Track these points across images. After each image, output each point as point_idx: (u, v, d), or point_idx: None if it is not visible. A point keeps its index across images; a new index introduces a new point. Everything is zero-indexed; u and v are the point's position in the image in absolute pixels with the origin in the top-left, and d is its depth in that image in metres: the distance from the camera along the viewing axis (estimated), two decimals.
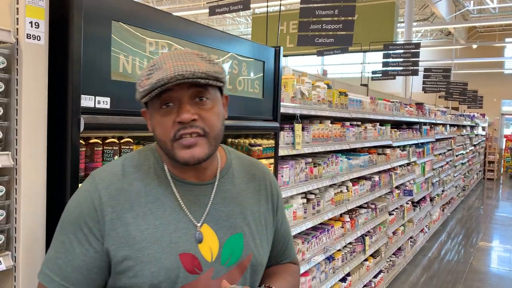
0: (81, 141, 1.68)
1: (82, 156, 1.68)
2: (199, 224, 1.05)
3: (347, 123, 3.90)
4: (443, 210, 8.60)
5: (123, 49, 1.58)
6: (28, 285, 1.36)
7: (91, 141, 1.77)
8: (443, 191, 8.50)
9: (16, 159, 1.33)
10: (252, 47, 2.29)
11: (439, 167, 8.06)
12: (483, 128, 15.83)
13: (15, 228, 1.35)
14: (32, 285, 1.37)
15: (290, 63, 16.33)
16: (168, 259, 1.00)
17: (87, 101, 1.44)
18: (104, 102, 1.50)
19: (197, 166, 1.06)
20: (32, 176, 1.36)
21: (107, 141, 1.83)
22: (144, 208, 1.03)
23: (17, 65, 1.32)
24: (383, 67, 7.87)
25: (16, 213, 1.34)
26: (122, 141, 1.88)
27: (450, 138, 9.21)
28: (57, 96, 1.40)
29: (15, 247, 1.35)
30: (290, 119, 3.03)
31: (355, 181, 4.11)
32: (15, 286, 1.35)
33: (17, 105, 1.33)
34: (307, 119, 3.43)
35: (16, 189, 1.34)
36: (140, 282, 0.99)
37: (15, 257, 1.34)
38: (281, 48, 2.52)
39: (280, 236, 1.25)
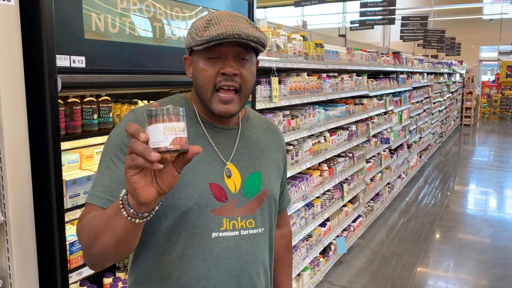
0: (59, 100, 1.72)
1: (62, 116, 1.72)
2: (227, 162, 1.21)
3: (324, 75, 3.95)
4: (420, 157, 8.88)
5: (94, 7, 1.59)
6: (19, 238, 1.45)
7: (70, 100, 1.81)
8: (420, 138, 8.74)
9: None
10: None
11: (416, 115, 8.24)
12: (461, 75, 16.03)
13: (3, 186, 1.41)
14: (22, 238, 1.46)
15: (270, 15, 16.06)
16: (200, 186, 1.15)
17: (62, 60, 1.47)
18: (79, 61, 1.53)
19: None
20: (14, 136, 1.41)
21: (85, 100, 1.87)
22: None
23: None
24: (360, 16, 7.84)
25: (2, 172, 1.40)
26: (100, 99, 1.93)
27: (427, 86, 9.35)
28: (32, 57, 1.43)
29: (4, 204, 1.42)
30: (267, 72, 3.07)
31: (332, 131, 4.22)
32: (7, 239, 1.43)
33: None
34: (284, 72, 3.47)
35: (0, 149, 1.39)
36: (176, 202, 1.13)
37: (5, 212, 1.42)
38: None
39: (283, 182, 1.44)
